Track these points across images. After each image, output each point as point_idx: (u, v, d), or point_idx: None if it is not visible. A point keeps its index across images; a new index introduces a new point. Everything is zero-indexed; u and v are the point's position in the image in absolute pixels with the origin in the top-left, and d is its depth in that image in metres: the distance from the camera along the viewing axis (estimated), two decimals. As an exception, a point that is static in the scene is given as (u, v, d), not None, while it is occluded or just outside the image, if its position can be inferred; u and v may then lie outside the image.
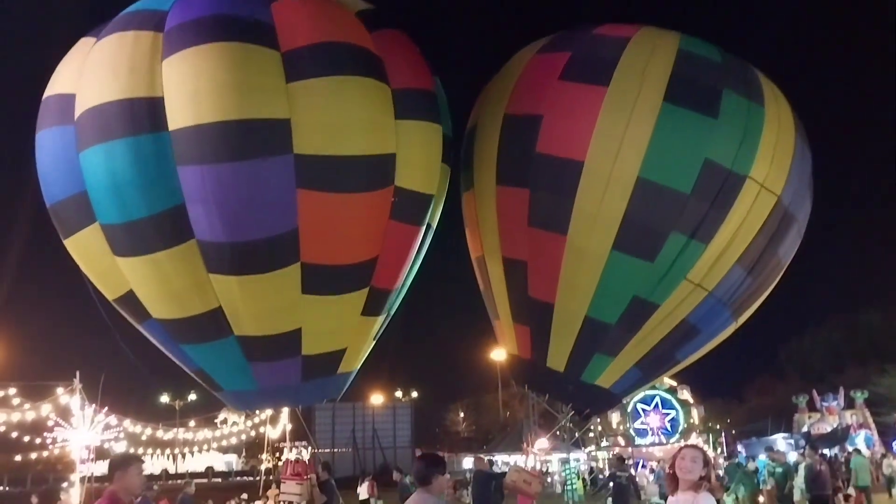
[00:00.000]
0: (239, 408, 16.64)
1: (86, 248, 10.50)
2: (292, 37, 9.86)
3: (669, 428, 42.81)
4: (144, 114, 9.53)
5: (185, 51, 9.62)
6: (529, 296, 11.37)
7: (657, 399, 43.22)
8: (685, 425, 42.38)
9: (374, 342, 12.54)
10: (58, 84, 10.60)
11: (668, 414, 43.08)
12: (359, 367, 12.49)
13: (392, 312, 12.45)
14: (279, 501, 24.94)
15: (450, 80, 12.25)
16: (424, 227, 11.62)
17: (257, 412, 30.50)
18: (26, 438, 23.60)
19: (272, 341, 10.83)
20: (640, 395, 42.46)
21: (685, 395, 43.78)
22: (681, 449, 5.02)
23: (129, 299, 10.61)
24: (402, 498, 17.40)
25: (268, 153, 9.55)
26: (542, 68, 11.28)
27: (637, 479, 27.82)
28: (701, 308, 11.25)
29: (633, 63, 10.70)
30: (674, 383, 43.76)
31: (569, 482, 24.43)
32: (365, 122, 10.05)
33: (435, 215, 12.01)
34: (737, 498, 19.94)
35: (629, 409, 42.87)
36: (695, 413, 43.07)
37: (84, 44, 10.61)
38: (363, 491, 27.82)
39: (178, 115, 9.49)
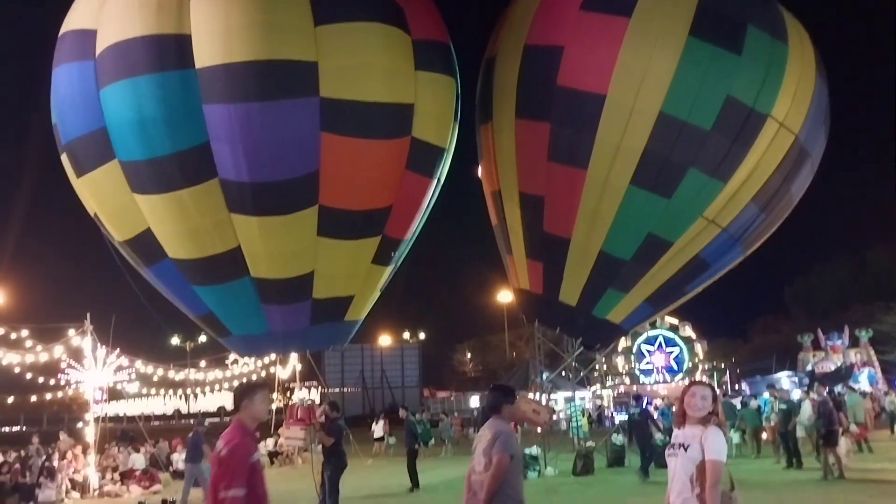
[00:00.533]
0: (244, 353, 16.76)
1: (101, 187, 10.48)
2: None
3: (675, 366, 43.18)
4: (172, 51, 9.54)
5: None
6: (545, 231, 11.35)
7: (660, 338, 43.52)
8: (690, 364, 42.73)
9: (380, 294, 12.58)
10: (76, 19, 10.47)
11: (671, 352, 43.42)
12: (364, 316, 12.57)
13: (398, 265, 12.48)
14: (297, 453, 25.56)
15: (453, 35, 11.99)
16: (436, 181, 11.57)
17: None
18: (40, 380, 23.96)
19: (287, 284, 10.94)
20: (643, 336, 42.79)
21: (687, 331, 44.03)
22: (690, 385, 5.00)
23: (144, 239, 10.61)
24: (408, 433, 17.88)
25: (295, 94, 9.58)
26: None
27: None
28: (713, 244, 11.30)
29: None
30: (675, 321, 44.02)
31: (574, 419, 24.76)
32: (388, 69, 10.09)
33: (444, 170, 11.93)
34: (743, 433, 20.22)
35: (634, 351, 43.21)
36: (698, 348, 43.34)
37: None
38: (378, 429, 28.64)
39: (206, 54, 9.48)
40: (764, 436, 20.23)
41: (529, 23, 11.11)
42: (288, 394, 44.51)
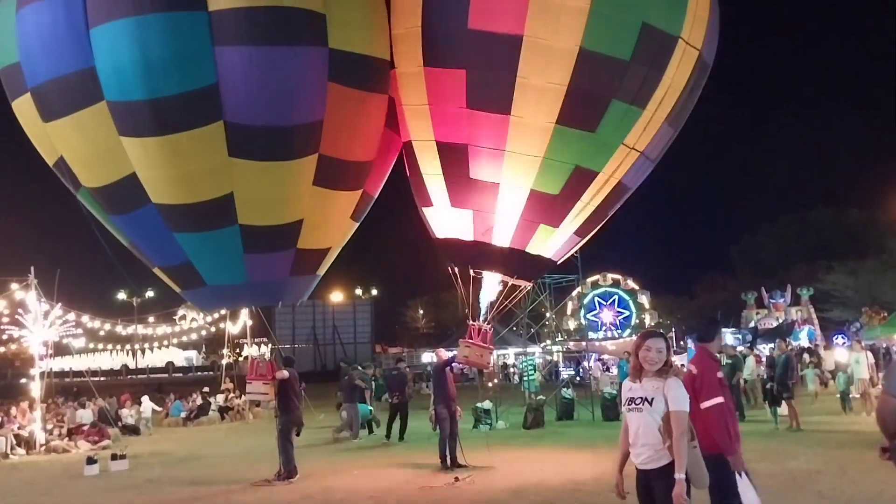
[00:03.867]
0: (211, 306, 16.58)
1: (81, 130, 10.10)
2: None
3: (619, 324, 44.11)
4: None
5: None
6: (471, 178, 11.22)
7: (615, 297, 44.33)
8: (636, 321, 43.66)
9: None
10: None
11: (621, 313, 44.32)
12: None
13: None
14: (242, 401, 25.46)
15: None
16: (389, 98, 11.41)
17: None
18: (-19, 335, 23.39)
19: (275, 231, 10.86)
20: (601, 290, 43.55)
21: (644, 300, 44.97)
22: (644, 338, 4.97)
23: (126, 184, 10.27)
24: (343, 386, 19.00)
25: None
26: None
27: (590, 373, 28.86)
28: (633, 168, 11.58)
29: None
30: (636, 287, 44.88)
31: (526, 374, 25.12)
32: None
33: None
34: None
35: (586, 301, 43.94)
36: (647, 317, 44.32)
37: None
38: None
39: None
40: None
41: None
42: (237, 350, 44.30)
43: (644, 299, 44.78)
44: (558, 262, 13.03)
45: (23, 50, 10.04)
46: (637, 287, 44.87)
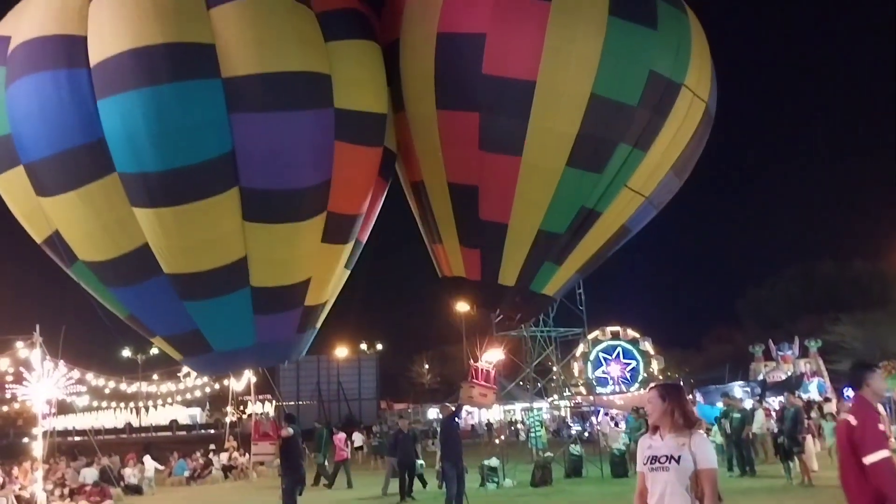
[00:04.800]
0: (216, 371, 16.35)
1: (91, 203, 9.87)
2: None
3: (629, 377, 43.66)
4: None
5: None
6: (481, 219, 11.39)
7: (619, 349, 44.00)
8: (645, 375, 43.24)
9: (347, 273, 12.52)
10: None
11: (628, 364, 43.89)
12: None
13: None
14: (249, 461, 25.19)
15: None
16: (383, 149, 11.33)
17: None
18: (-15, 393, 23.27)
19: (286, 290, 10.87)
20: (603, 345, 43.18)
21: (647, 346, 44.60)
22: (649, 391, 4.84)
23: (138, 255, 10.13)
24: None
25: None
26: None
27: (599, 428, 28.47)
28: (637, 212, 11.76)
29: None
30: (637, 335, 44.55)
31: (533, 430, 24.80)
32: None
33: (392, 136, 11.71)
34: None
35: (591, 358, 43.59)
36: (654, 364, 43.95)
37: None
38: (357, 439, 28.83)
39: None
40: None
41: (439, 10, 10.82)
42: (241, 407, 43.91)
43: (647, 345, 44.44)
44: (557, 300, 13.32)
45: (17, 124, 9.81)
46: (637, 335, 44.59)
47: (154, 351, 53.51)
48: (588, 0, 10.51)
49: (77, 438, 35.78)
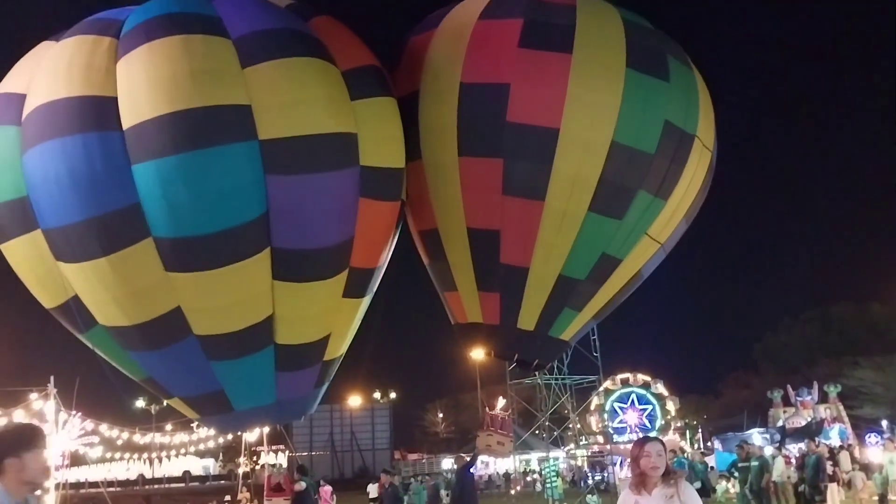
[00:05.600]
0: (236, 429, 15.85)
1: (123, 268, 9.64)
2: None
3: (647, 423, 43.02)
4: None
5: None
6: (501, 262, 11.47)
7: (633, 396, 43.44)
8: (662, 421, 42.62)
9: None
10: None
11: (644, 409, 43.29)
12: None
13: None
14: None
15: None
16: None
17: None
18: (-1, 446, 23.19)
19: (306, 349, 10.86)
20: (616, 395, 42.69)
21: (660, 388, 44.02)
22: (642, 445, 4.78)
23: (170, 318, 9.97)
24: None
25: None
26: (496, 35, 11.21)
27: (618, 477, 28.05)
28: (651, 259, 12.18)
29: (589, 29, 11.05)
30: (648, 379, 44.06)
31: (549, 481, 24.46)
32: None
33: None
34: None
35: (607, 409, 43.04)
36: (670, 405, 43.31)
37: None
38: (373, 490, 28.44)
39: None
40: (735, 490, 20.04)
41: (461, 62, 11.14)
42: (254, 458, 43.65)
43: (660, 388, 43.81)
44: (573, 346, 13.47)
45: (37, 188, 9.49)
46: (649, 378, 44.05)
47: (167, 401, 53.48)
48: (607, 53, 10.92)
49: (90, 490, 35.53)
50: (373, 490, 28.81)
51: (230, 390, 10.76)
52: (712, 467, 19.33)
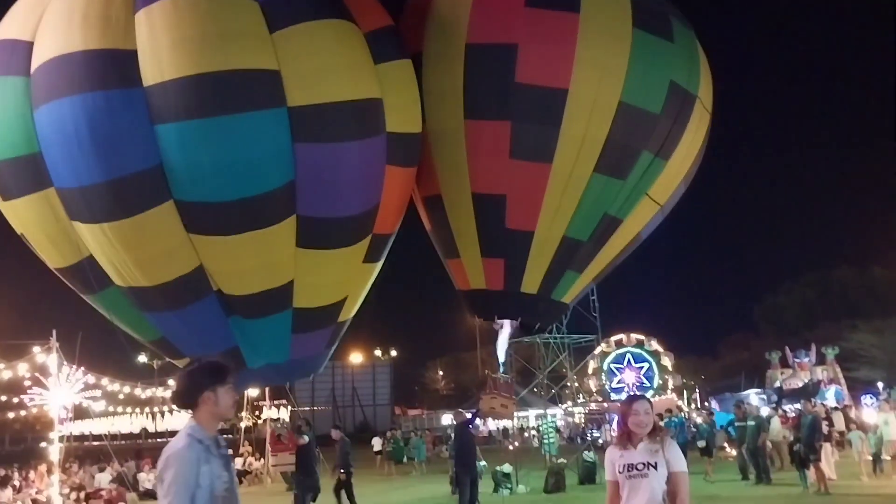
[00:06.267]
0: (246, 387, 15.97)
1: (145, 229, 9.45)
2: None
3: (646, 381, 43.32)
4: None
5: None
6: (507, 227, 11.44)
7: (628, 356, 43.72)
8: (660, 380, 42.95)
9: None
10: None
11: (641, 367, 43.57)
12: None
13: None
14: (264, 466, 25.29)
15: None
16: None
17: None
18: (3, 398, 23.46)
19: (323, 312, 11.00)
20: (612, 356, 42.99)
21: (654, 345, 44.26)
22: (630, 404, 4.86)
23: (192, 277, 9.92)
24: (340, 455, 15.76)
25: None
26: None
27: (612, 434, 28.37)
28: (651, 220, 12.02)
29: None
30: (641, 337, 44.30)
31: (546, 437, 24.75)
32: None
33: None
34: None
35: (605, 369, 43.33)
36: (666, 360, 43.56)
37: None
38: (377, 443, 29.00)
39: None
40: (733, 451, 20.26)
41: (466, 21, 10.96)
42: (256, 412, 44.06)
43: (654, 345, 43.95)
44: (572, 307, 13.57)
45: (52, 145, 9.13)
46: (643, 337, 44.18)
47: (170, 357, 53.88)
48: (613, 12, 10.85)
49: (94, 443, 36.03)
50: (377, 444, 29.34)
51: (245, 348, 10.79)
52: (720, 428, 19.47)
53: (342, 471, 14.63)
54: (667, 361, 43.72)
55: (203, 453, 3.58)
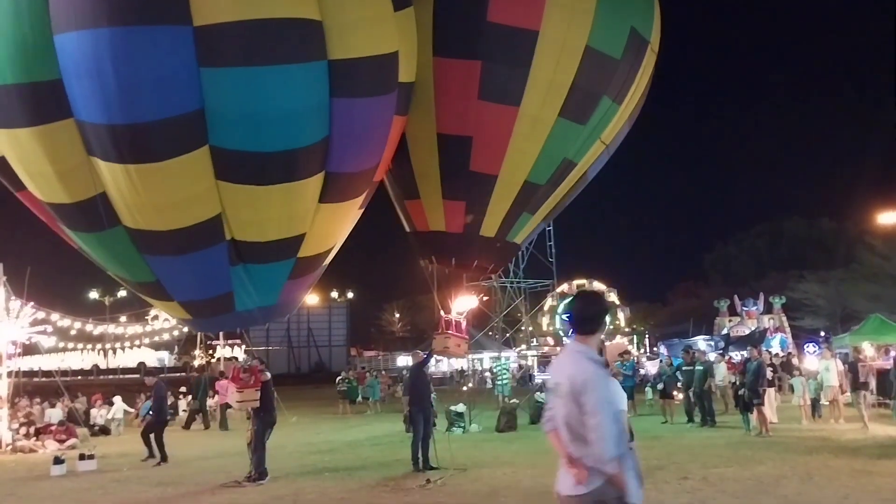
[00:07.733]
0: (226, 329, 16.96)
1: (177, 173, 9.01)
2: None
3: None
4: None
5: None
6: (471, 170, 11.38)
7: (581, 301, 44.34)
8: (611, 327, 43.79)
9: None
10: None
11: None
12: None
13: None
14: (214, 402, 25.29)
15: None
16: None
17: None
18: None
19: (314, 259, 10.89)
20: (569, 300, 43.62)
21: (612, 297, 45.03)
22: None
23: (211, 224, 9.59)
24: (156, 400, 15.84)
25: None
26: None
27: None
28: (597, 160, 12.38)
29: None
30: (603, 287, 44.94)
31: (500, 379, 25.14)
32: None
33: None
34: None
35: (559, 311, 44.01)
36: (621, 315, 44.43)
37: None
38: (341, 383, 29.26)
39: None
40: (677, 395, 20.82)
41: None
42: (210, 352, 43.80)
43: (613, 297, 44.71)
44: (523, 248, 13.69)
45: (82, 78, 8.35)
46: (604, 287, 44.86)
47: (122, 293, 53.14)
48: None
49: (43, 379, 35.60)
50: (342, 383, 29.45)
51: (239, 292, 10.59)
52: (676, 371, 19.89)
53: (154, 415, 15.31)
54: (621, 316, 44.52)
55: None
